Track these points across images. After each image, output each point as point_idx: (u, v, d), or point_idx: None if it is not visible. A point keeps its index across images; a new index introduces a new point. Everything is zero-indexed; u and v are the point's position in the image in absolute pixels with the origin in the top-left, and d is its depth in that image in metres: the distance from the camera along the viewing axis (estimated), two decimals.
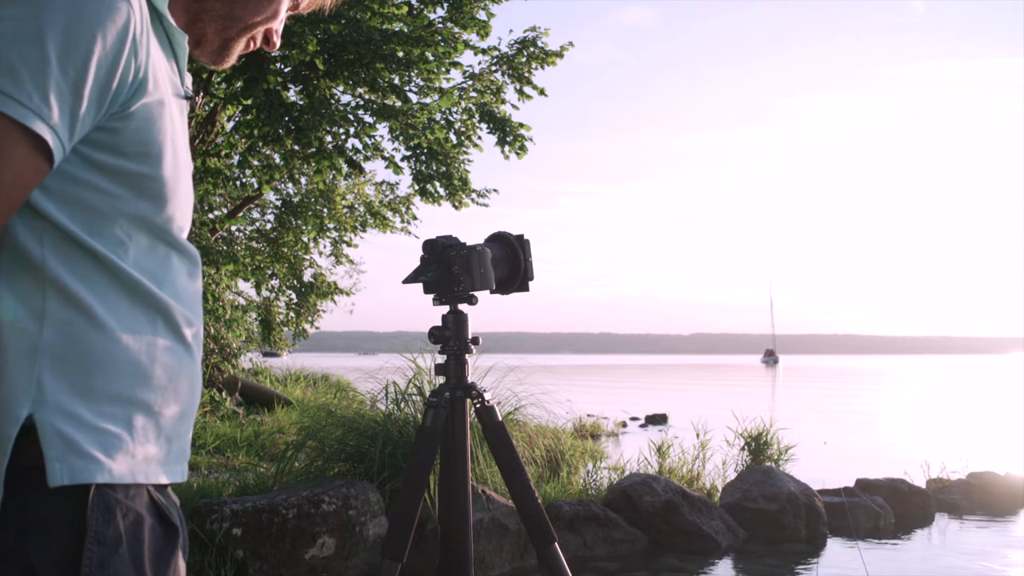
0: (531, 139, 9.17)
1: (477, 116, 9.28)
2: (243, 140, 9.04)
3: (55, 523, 0.90)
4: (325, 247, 14.30)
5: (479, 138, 9.38)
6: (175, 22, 1.08)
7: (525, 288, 2.15)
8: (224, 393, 9.06)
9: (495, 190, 10.24)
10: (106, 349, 0.94)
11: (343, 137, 8.65)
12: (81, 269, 0.94)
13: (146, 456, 0.97)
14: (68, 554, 0.89)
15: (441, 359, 2.12)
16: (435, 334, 2.05)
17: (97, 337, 0.94)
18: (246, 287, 13.71)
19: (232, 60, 1.18)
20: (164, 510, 1.00)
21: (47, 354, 0.91)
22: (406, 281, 2.04)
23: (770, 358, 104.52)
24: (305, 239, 13.72)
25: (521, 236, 2.16)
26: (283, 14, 1.18)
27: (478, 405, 2.08)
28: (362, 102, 8.66)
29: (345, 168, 8.76)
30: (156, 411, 0.99)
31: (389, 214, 12.95)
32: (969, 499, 7.20)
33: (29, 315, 0.91)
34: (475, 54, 9.16)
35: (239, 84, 8.28)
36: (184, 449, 1.05)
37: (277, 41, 1.20)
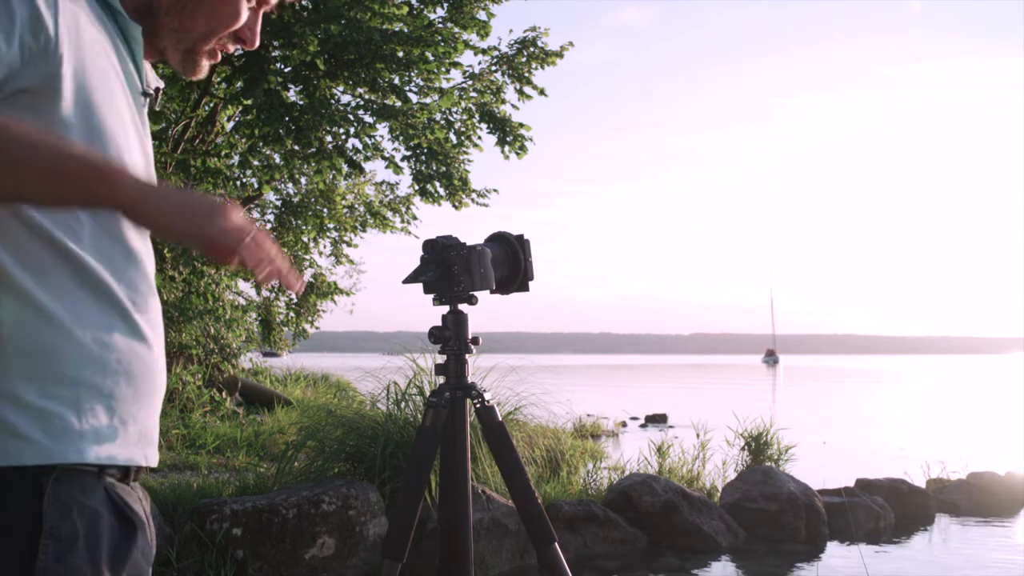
0: (531, 139, 9.17)
1: (477, 116, 9.28)
2: (243, 140, 9.04)
3: (11, 522, 0.91)
4: (325, 247, 14.31)
5: (479, 138, 9.38)
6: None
7: (525, 288, 2.15)
8: (224, 393, 9.06)
9: (495, 190, 10.23)
10: (52, 335, 0.94)
11: (343, 137, 8.65)
12: (27, 252, 0.94)
13: (97, 438, 0.97)
14: (23, 550, 0.90)
15: (441, 359, 2.12)
16: (435, 334, 2.05)
17: (42, 323, 0.94)
18: (246, 287, 13.71)
19: (203, 69, 1.17)
20: (123, 507, 1.00)
21: None
22: (406, 281, 2.04)
23: (770, 358, 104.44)
24: (305, 239, 13.72)
25: (521, 236, 2.16)
26: (245, 15, 1.15)
27: (478, 405, 2.08)
28: (362, 102, 8.66)
29: (345, 168, 8.75)
30: (107, 393, 0.98)
31: (389, 214, 12.94)
32: (969, 499, 7.20)
33: None
34: (475, 54, 9.16)
35: (239, 84, 8.28)
36: (145, 433, 1.05)
37: (254, 39, 1.18)
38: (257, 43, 1.19)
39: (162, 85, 1.17)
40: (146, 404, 1.05)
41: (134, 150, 1.05)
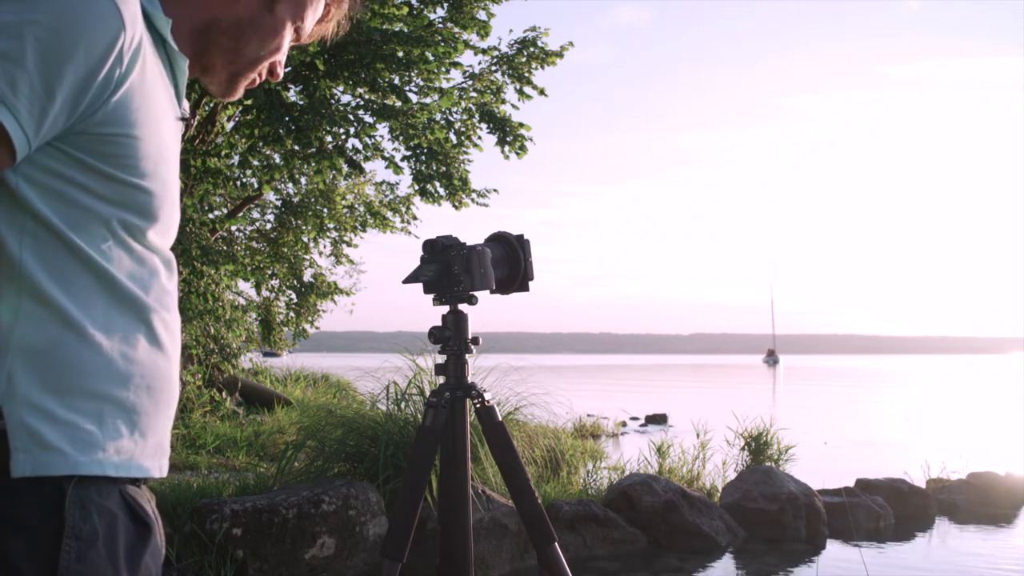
0: (531, 139, 9.17)
1: (477, 116, 9.28)
2: (243, 140, 9.03)
3: (33, 522, 0.93)
4: (325, 247, 14.28)
5: (479, 138, 9.37)
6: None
7: (525, 288, 2.15)
8: (224, 393, 9.06)
9: (495, 190, 10.23)
10: (80, 348, 0.97)
11: (343, 137, 8.64)
12: (60, 267, 0.96)
13: (118, 450, 1.00)
14: (46, 550, 0.93)
15: (441, 359, 2.12)
16: (435, 334, 2.05)
17: (71, 336, 0.96)
18: (246, 287, 13.70)
19: (239, 93, 1.22)
20: (136, 508, 1.03)
21: (19, 349, 0.94)
22: (406, 281, 2.04)
23: (771, 358, 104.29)
24: (305, 239, 13.71)
25: (521, 236, 2.16)
26: (286, 47, 1.22)
27: (478, 405, 2.08)
28: (362, 102, 8.65)
29: (345, 168, 8.74)
30: (129, 407, 1.01)
31: (389, 214, 12.93)
32: (969, 499, 7.20)
33: (3, 310, 0.94)
34: (475, 54, 9.15)
35: None
36: (160, 444, 1.09)
37: (280, 72, 1.25)
38: (281, 76, 1.26)
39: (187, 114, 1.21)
40: (163, 415, 1.08)
41: (176, 175, 1.09)
